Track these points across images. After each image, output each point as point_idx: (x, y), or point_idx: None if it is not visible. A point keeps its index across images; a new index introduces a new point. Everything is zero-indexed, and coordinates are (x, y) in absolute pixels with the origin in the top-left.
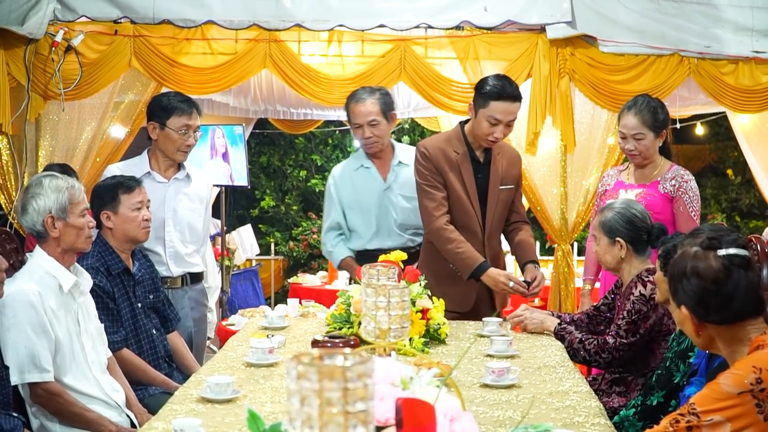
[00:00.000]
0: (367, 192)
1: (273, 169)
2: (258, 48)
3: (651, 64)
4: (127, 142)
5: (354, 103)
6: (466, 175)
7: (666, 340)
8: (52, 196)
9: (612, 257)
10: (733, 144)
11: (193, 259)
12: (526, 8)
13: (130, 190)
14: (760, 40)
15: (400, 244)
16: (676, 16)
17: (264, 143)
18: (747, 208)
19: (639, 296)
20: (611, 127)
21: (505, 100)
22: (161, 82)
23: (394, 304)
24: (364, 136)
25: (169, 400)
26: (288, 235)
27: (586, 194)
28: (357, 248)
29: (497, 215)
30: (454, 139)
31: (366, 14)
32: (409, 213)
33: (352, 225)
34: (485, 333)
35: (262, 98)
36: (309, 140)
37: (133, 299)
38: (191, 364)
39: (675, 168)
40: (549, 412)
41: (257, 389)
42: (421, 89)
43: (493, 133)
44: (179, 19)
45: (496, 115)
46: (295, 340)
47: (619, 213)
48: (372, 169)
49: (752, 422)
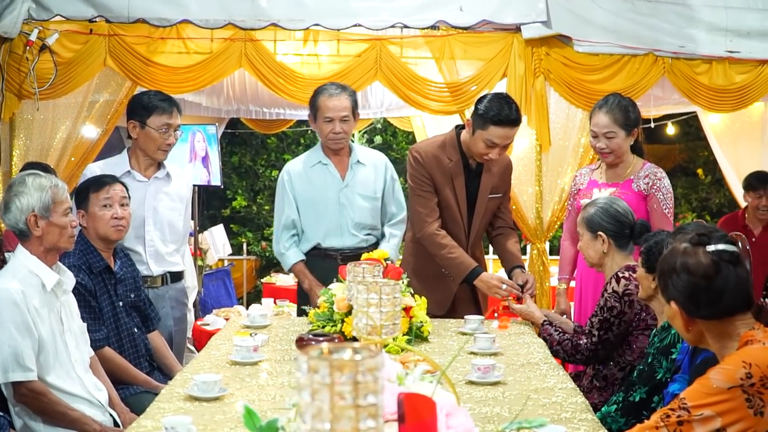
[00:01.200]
0: (324, 189)
1: (245, 168)
2: (234, 47)
3: (626, 64)
4: (102, 141)
5: (326, 97)
6: (458, 183)
7: (644, 334)
8: (36, 195)
9: (594, 252)
10: (703, 144)
11: (173, 258)
12: (501, 8)
13: (99, 189)
14: (734, 40)
15: (355, 243)
16: (651, 16)
17: (235, 143)
18: (717, 208)
19: (612, 293)
20: (586, 126)
21: (505, 126)
22: (136, 81)
23: (385, 301)
24: (334, 131)
25: (156, 399)
26: (260, 235)
27: (561, 193)
28: (311, 246)
29: (482, 223)
30: (449, 146)
31: (342, 14)
32: (366, 213)
33: (306, 222)
34: (467, 330)
35: (235, 98)
36: (281, 140)
37: (114, 298)
38: (172, 364)
39: (648, 166)
40: (536, 408)
41: (244, 387)
42: (397, 89)
43: (488, 153)
44: (154, 18)
45: (494, 139)
46: (278, 339)
47: (602, 208)
48: (330, 166)
49: (742, 417)
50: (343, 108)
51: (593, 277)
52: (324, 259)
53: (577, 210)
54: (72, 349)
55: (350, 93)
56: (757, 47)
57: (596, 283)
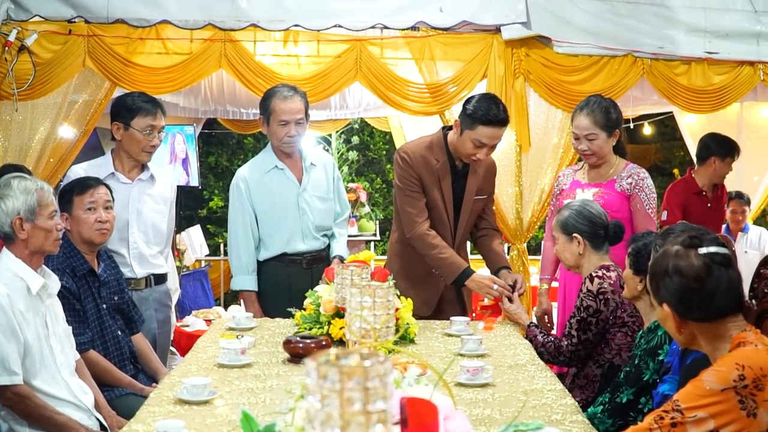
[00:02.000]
0: (283, 195)
1: (221, 169)
2: (213, 48)
3: (605, 65)
4: (81, 142)
5: (280, 100)
6: (445, 184)
7: (621, 332)
8: (21, 198)
9: (570, 254)
10: (679, 143)
11: (157, 261)
12: (481, 9)
13: (82, 192)
14: (712, 41)
15: (316, 247)
16: (630, 17)
17: (212, 143)
18: None
19: (586, 292)
20: (566, 127)
21: (493, 125)
22: (115, 82)
23: (379, 304)
24: (289, 134)
25: (146, 403)
26: None
27: (541, 194)
28: (276, 252)
29: (468, 224)
30: (436, 147)
31: (322, 14)
32: (323, 214)
33: (266, 230)
34: (453, 332)
35: (212, 98)
36: (258, 140)
37: (98, 300)
38: (157, 366)
39: (630, 166)
40: (526, 410)
41: (233, 390)
42: (377, 89)
43: (476, 154)
44: (133, 19)
45: (483, 139)
46: (264, 341)
47: (576, 210)
48: (286, 170)
49: (735, 418)
50: (297, 110)
51: (577, 277)
52: (288, 265)
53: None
54: (57, 352)
55: (302, 95)
56: (735, 48)
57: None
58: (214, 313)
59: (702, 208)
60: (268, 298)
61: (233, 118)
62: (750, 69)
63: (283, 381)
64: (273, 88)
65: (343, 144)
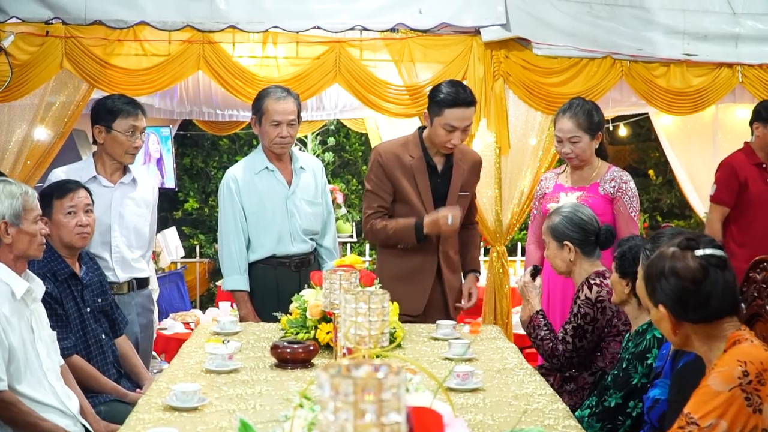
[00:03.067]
0: (272, 197)
1: (196, 170)
2: (192, 49)
3: (584, 67)
4: (59, 144)
5: (273, 100)
6: (420, 179)
7: (616, 341)
8: (6, 202)
9: (562, 261)
10: (654, 144)
11: (139, 265)
12: (460, 11)
13: (62, 196)
14: (691, 43)
15: (305, 250)
16: (609, 20)
17: (187, 144)
18: (668, 208)
19: (585, 300)
20: (545, 129)
21: (459, 106)
22: (93, 83)
23: (374, 310)
24: (281, 135)
25: (135, 410)
26: (212, 237)
27: (521, 196)
28: (265, 255)
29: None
30: (411, 144)
31: (301, 16)
32: (311, 218)
33: (255, 232)
34: (439, 336)
35: (188, 99)
36: (233, 141)
37: (81, 304)
38: (141, 371)
39: (613, 169)
40: (517, 415)
41: (222, 396)
42: (356, 91)
43: (450, 140)
44: (111, 20)
45: (452, 122)
46: (250, 346)
47: (567, 217)
48: (276, 172)
49: (744, 416)
50: (290, 111)
51: (561, 281)
52: (277, 267)
53: (543, 213)
54: (43, 357)
55: (295, 97)
56: (714, 50)
57: (564, 287)
58: (192, 315)
59: (762, 185)
60: (257, 300)
61: (209, 119)
62: (728, 71)
63: (272, 387)
64: (266, 89)
65: (319, 145)
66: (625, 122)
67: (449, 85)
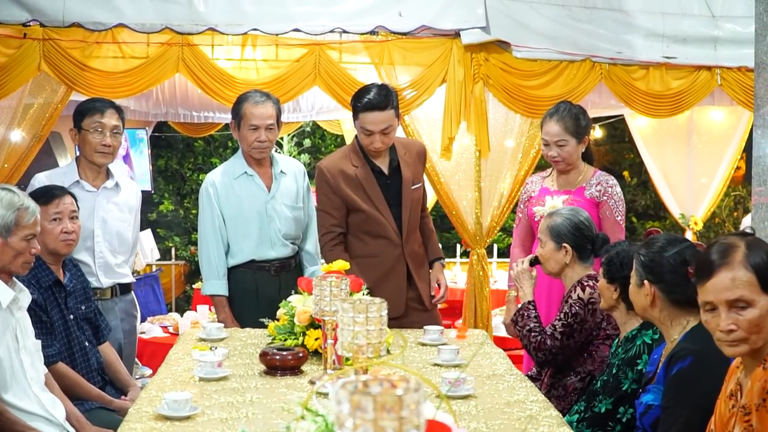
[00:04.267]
0: (251, 201)
1: (171, 172)
2: (170, 52)
3: (563, 70)
4: (37, 147)
5: (252, 105)
6: (369, 185)
7: (605, 344)
8: (0, 212)
9: (556, 262)
10: (628, 146)
11: (122, 270)
12: (440, 14)
13: (48, 202)
14: (670, 46)
15: (285, 254)
16: (588, 23)
17: (161, 146)
18: (643, 209)
19: (577, 299)
20: (524, 132)
21: (371, 110)
22: (71, 86)
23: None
24: (259, 139)
25: (126, 419)
26: (188, 239)
27: (500, 198)
28: (244, 259)
29: (413, 215)
30: (351, 153)
31: (280, 18)
32: (292, 223)
33: (234, 237)
34: (427, 341)
35: (164, 101)
36: (208, 143)
37: (65, 311)
38: (125, 378)
39: (599, 173)
40: (511, 422)
41: (213, 404)
42: (336, 94)
43: (372, 143)
44: (89, 22)
45: (367, 126)
46: (238, 353)
47: (568, 219)
48: (255, 177)
49: None
50: (269, 116)
51: (546, 283)
52: (256, 271)
53: (528, 217)
54: (27, 366)
55: (275, 101)
56: (693, 53)
57: (549, 289)
58: (170, 319)
59: None
60: (237, 305)
61: (184, 121)
62: (707, 73)
63: (263, 394)
64: (245, 93)
65: (294, 147)
66: (600, 124)
67: (366, 89)
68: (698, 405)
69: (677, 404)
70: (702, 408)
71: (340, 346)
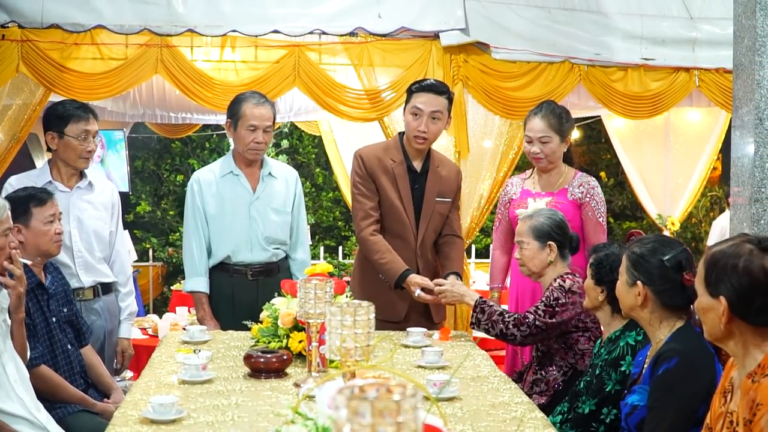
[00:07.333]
0: (234, 201)
1: (148, 173)
2: (149, 53)
3: (542, 71)
4: (15, 149)
5: (252, 105)
6: (402, 183)
7: (584, 336)
8: None
9: (540, 261)
10: (605, 146)
11: (102, 267)
12: (419, 15)
13: (43, 203)
14: (649, 47)
15: (266, 258)
16: (567, 24)
17: (138, 147)
18: (620, 210)
19: (558, 286)
20: (504, 133)
21: (428, 91)
22: (50, 87)
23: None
24: (256, 140)
25: (111, 422)
26: (165, 241)
27: (480, 199)
28: (220, 260)
29: (431, 227)
30: (392, 148)
31: (260, 20)
32: (276, 227)
33: (214, 235)
34: (410, 343)
35: (141, 102)
36: (186, 144)
37: (47, 314)
38: (107, 381)
39: (580, 175)
40: (497, 424)
41: (199, 408)
42: (315, 95)
43: (418, 126)
44: (68, 24)
45: (418, 104)
46: (221, 355)
47: (550, 218)
48: (241, 177)
49: None
50: (267, 117)
51: (530, 285)
52: (233, 274)
53: (509, 219)
54: (11, 369)
55: (272, 104)
56: (671, 54)
57: (534, 291)
58: (149, 321)
59: None
60: (213, 307)
61: (161, 122)
62: (686, 75)
63: (248, 397)
64: (243, 94)
65: (272, 148)
66: (577, 125)
67: (425, 78)
68: (684, 405)
69: (663, 404)
70: (687, 408)
71: (328, 350)
